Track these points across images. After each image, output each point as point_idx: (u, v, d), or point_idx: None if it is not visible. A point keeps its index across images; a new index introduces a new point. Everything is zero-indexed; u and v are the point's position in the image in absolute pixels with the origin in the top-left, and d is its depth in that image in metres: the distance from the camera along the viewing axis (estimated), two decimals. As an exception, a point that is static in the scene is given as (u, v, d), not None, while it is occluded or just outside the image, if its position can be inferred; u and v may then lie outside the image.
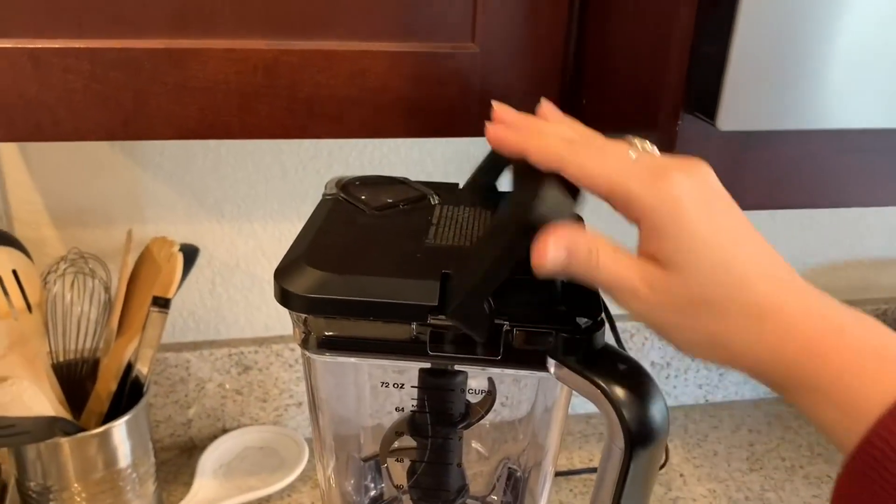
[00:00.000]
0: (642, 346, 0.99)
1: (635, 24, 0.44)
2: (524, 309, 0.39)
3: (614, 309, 0.97)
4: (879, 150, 0.44)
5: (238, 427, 0.93)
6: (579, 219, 0.36)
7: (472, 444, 0.58)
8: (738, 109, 0.37)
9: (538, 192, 0.33)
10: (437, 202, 0.47)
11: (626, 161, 0.33)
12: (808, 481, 0.91)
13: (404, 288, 0.38)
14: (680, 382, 1.04)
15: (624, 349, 0.64)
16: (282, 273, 0.39)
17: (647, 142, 0.35)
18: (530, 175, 0.34)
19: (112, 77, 0.46)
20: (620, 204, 0.33)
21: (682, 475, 0.92)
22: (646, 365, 1.00)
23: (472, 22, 0.49)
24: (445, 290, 0.38)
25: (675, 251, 0.31)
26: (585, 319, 0.38)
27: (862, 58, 0.38)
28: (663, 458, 0.38)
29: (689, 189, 0.31)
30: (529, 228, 0.33)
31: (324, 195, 0.48)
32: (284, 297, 0.38)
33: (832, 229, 1.02)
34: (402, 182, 0.50)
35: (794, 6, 0.36)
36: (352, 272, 0.38)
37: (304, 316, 0.40)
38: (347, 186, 0.48)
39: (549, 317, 0.39)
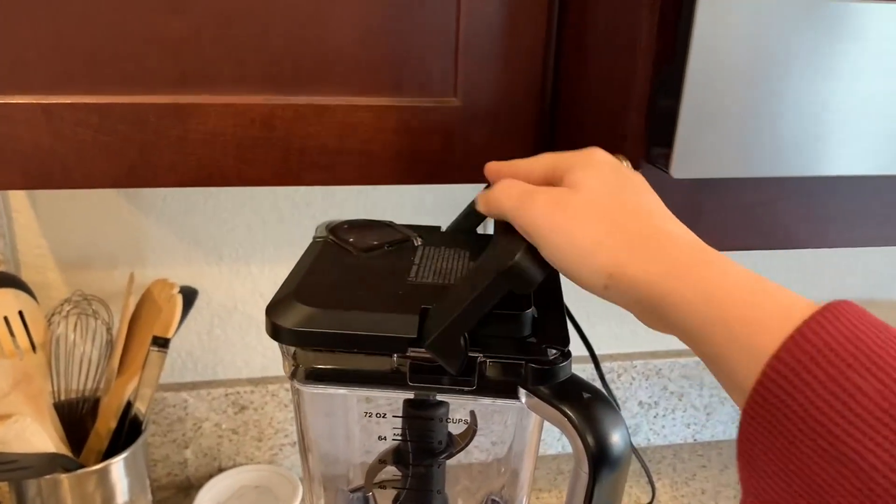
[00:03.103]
0: (629, 386, 1.02)
1: (601, 90, 0.48)
2: (497, 341, 0.42)
3: (599, 348, 0.99)
4: (828, 195, 0.47)
5: (234, 466, 0.95)
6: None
7: (461, 482, 0.60)
8: (689, 159, 0.40)
9: (521, 248, 0.38)
10: (419, 244, 0.51)
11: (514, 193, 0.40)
12: (793, 519, 0.93)
13: (386, 321, 0.41)
14: (668, 422, 1.06)
15: (608, 388, 0.67)
16: (273, 309, 0.42)
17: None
18: (513, 231, 0.40)
19: (119, 129, 0.50)
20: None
21: (669, 513, 0.93)
22: (633, 404, 1.02)
23: (454, 78, 0.53)
24: (424, 323, 0.41)
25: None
26: (554, 351, 0.41)
27: (806, 111, 0.41)
28: (626, 480, 0.41)
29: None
30: (509, 275, 0.38)
31: (314, 237, 0.52)
32: (275, 331, 0.41)
33: (814, 271, 1.05)
34: (387, 225, 0.53)
35: (738, 65, 0.40)
36: (337, 307, 0.42)
37: (293, 349, 0.43)
38: (336, 229, 0.51)
39: (520, 348, 0.41)
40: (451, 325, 0.39)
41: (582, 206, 0.38)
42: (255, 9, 0.49)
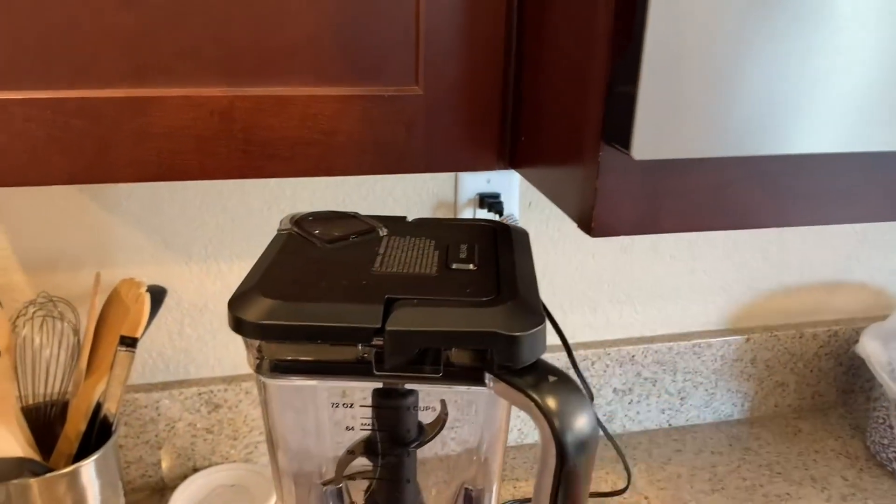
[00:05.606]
0: (604, 373, 1.02)
1: (561, 70, 0.47)
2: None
3: (573, 336, 0.99)
4: (791, 174, 0.47)
5: (209, 466, 0.94)
6: None
7: (435, 474, 0.60)
8: (649, 141, 0.40)
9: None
10: (385, 234, 0.50)
11: None
12: (768, 499, 0.94)
13: (350, 312, 0.40)
14: (643, 408, 1.06)
15: (582, 376, 0.67)
16: (235, 302, 0.42)
17: None
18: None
19: (74, 125, 0.49)
20: None
21: (646, 498, 0.94)
22: (608, 391, 1.03)
23: (416, 66, 0.53)
24: (391, 311, 0.40)
25: None
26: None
27: (766, 89, 0.42)
28: (594, 463, 0.41)
29: None
30: (506, 341, 0.41)
31: (278, 230, 0.51)
32: (237, 325, 0.41)
33: (781, 255, 1.06)
34: (352, 216, 0.53)
35: (696, 44, 0.40)
36: (300, 299, 0.41)
37: (257, 342, 0.42)
38: (300, 221, 0.51)
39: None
40: (421, 334, 0.39)
41: None
42: (210, -1, 0.48)
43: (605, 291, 1.01)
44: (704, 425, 1.09)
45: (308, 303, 0.41)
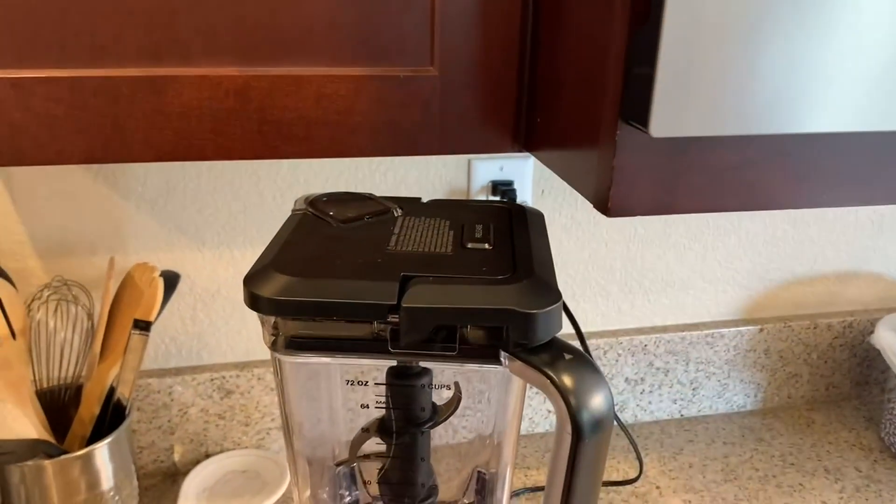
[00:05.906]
0: (616, 362, 1.02)
1: (579, 51, 0.47)
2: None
3: (585, 325, 0.99)
4: (808, 153, 0.47)
5: (221, 451, 0.95)
6: None
7: (448, 460, 0.60)
8: (668, 118, 0.40)
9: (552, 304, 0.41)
10: (399, 214, 0.50)
11: None
12: (780, 490, 0.93)
13: (365, 289, 0.40)
14: (654, 398, 1.06)
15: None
16: (250, 279, 0.42)
17: None
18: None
19: (91, 103, 0.49)
20: None
21: (658, 487, 0.94)
22: (620, 380, 1.03)
23: (431, 47, 0.53)
24: (407, 287, 0.40)
25: None
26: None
27: (784, 67, 0.41)
28: (609, 443, 0.41)
29: None
30: (519, 317, 0.40)
31: (293, 210, 0.51)
32: (253, 301, 0.41)
33: (796, 244, 1.05)
34: (367, 197, 0.53)
35: (712, 27, 0.39)
36: (315, 276, 0.41)
37: (272, 318, 0.42)
38: (315, 202, 0.51)
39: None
40: (436, 311, 0.39)
41: None
42: (227, -22, 0.48)
43: (618, 280, 1.01)
44: (717, 416, 1.09)
45: (323, 279, 0.41)
